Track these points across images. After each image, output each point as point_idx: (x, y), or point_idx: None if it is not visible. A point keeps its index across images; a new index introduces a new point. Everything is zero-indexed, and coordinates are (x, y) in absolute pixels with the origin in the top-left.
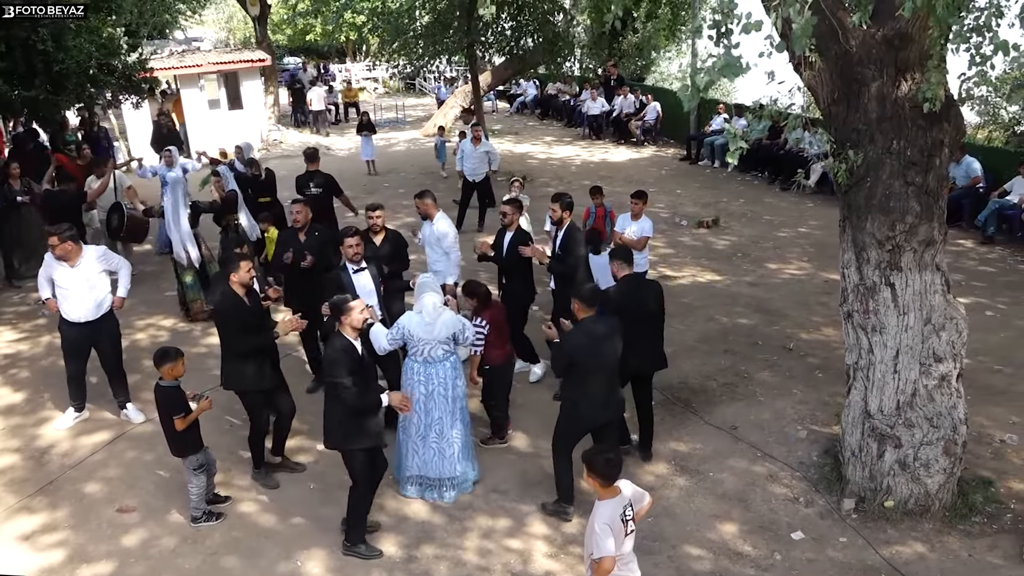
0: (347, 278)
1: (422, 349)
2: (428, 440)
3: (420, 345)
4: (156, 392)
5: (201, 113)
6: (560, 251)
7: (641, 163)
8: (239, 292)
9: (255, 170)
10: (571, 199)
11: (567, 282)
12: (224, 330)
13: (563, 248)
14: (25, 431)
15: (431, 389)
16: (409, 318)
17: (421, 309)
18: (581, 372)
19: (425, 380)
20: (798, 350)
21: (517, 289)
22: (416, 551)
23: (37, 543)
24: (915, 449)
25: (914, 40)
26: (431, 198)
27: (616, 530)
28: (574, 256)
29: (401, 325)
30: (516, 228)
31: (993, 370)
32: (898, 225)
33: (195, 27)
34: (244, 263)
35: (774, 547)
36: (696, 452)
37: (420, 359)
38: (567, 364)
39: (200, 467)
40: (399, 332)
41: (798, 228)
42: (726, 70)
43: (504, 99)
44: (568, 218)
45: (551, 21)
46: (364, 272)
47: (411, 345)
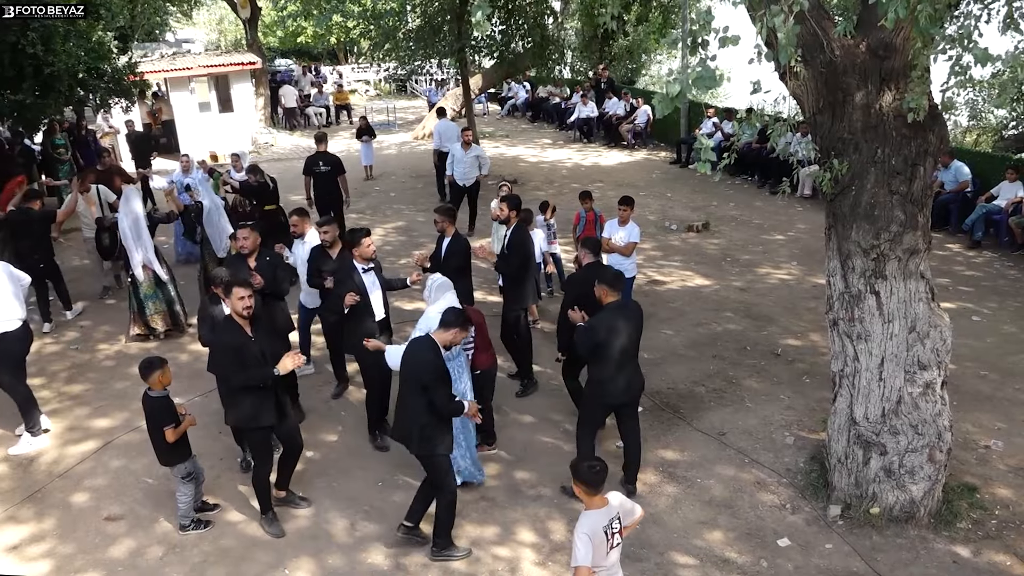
0: (358, 277)
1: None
2: None
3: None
4: (145, 402)
5: (191, 116)
6: (507, 250)
7: (632, 167)
8: (240, 323)
9: (259, 177)
10: (519, 199)
11: (515, 282)
12: (220, 365)
13: (510, 247)
14: (12, 440)
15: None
16: (430, 322)
17: (439, 310)
18: (607, 353)
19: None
20: (786, 355)
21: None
22: (404, 559)
23: (24, 554)
24: (900, 456)
25: (898, 50)
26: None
27: (597, 541)
28: (520, 255)
29: (420, 328)
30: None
31: (979, 376)
32: (883, 234)
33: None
34: (237, 288)
35: (760, 554)
36: (684, 459)
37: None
38: (594, 346)
39: (188, 476)
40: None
41: (787, 232)
42: (699, 82)
43: (495, 102)
44: (515, 218)
45: (542, 24)
46: (372, 272)
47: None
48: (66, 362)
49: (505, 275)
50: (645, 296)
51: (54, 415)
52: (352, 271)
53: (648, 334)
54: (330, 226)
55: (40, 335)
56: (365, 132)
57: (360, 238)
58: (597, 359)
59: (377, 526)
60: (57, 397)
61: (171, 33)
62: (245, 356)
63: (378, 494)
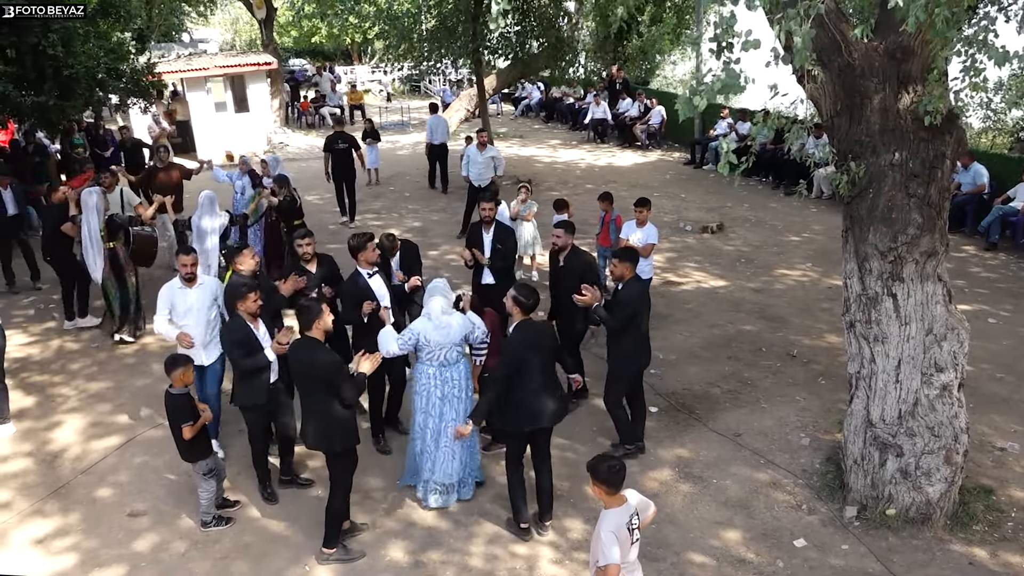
0: (363, 281)
1: (438, 353)
2: (440, 443)
3: (436, 350)
4: (166, 399)
5: (207, 116)
6: (498, 244)
7: (646, 167)
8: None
9: (286, 192)
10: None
11: (504, 275)
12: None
13: (499, 242)
14: (37, 435)
15: (446, 392)
16: (423, 324)
17: (429, 313)
18: (638, 321)
19: (441, 384)
20: (801, 357)
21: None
22: (423, 556)
23: (50, 547)
24: (916, 458)
25: (916, 53)
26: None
27: (622, 538)
28: (508, 249)
29: (415, 331)
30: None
31: (995, 378)
32: (900, 236)
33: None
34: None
35: (777, 554)
36: (700, 458)
37: (436, 363)
38: (631, 314)
39: (210, 472)
40: (412, 337)
41: (802, 233)
42: (725, 89)
43: (509, 102)
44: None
45: (556, 25)
46: (377, 276)
47: (425, 351)
48: (87, 359)
49: (497, 271)
50: (660, 297)
51: (76, 412)
52: (357, 277)
53: (663, 335)
54: (310, 239)
55: (61, 333)
56: (370, 135)
57: (366, 243)
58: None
59: (396, 523)
60: (78, 394)
61: (186, 33)
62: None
63: (397, 493)
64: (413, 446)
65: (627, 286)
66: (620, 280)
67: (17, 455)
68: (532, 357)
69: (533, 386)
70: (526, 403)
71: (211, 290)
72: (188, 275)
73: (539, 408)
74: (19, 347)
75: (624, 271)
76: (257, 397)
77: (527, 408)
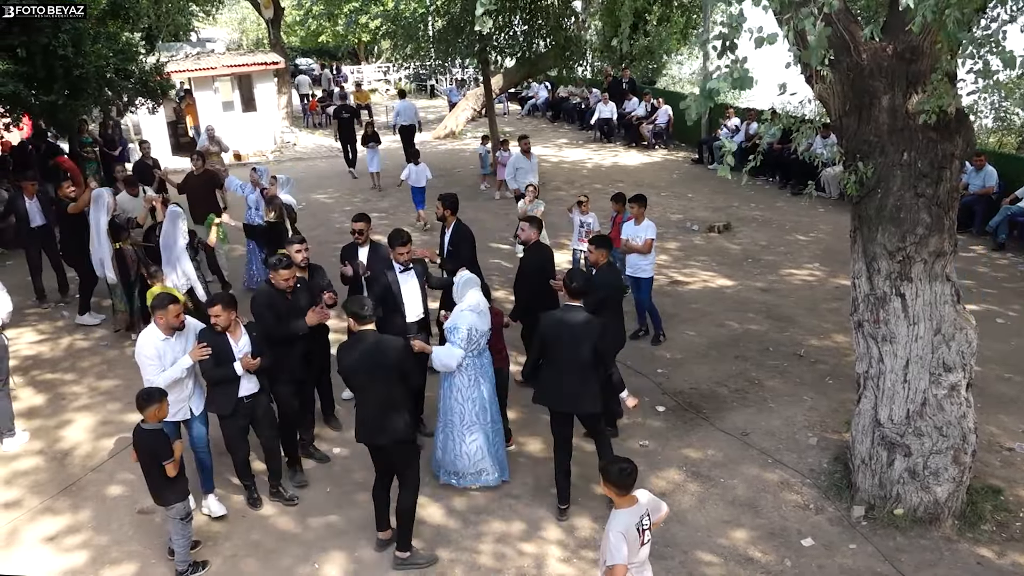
0: (393, 276)
1: (479, 342)
2: (470, 430)
3: (479, 339)
4: (137, 436)
5: (215, 115)
6: (451, 247)
7: (652, 167)
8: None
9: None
10: (454, 198)
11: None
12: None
13: (452, 245)
14: (47, 433)
15: (476, 377)
16: (470, 318)
17: (474, 306)
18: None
19: (478, 371)
20: (808, 356)
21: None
22: (433, 553)
23: (61, 544)
24: (924, 458)
25: (925, 54)
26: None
27: (631, 539)
28: (463, 253)
29: (464, 326)
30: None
31: (1003, 378)
32: (908, 236)
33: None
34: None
35: (784, 553)
36: (707, 458)
37: (475, 353)
38: (603, 298)
39: (187, 516)
40: (464, 334)
41: (809, 233)
42: (737, 83)
43: (515, 101)
44: (452, 218)
45: (563, 25)
46: (410, 272)
47: (470, 343)
48: (97, 358)
49: (451, 273)
50: (667, 296)
51: (86, 410)
52: (388, 269)
53: (671, 334)
54: (301, 246)
55: (71, 331)
56: (371, 139)
57: (396, 245)
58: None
59: None
60: (89, 392)
61: (194, 33)
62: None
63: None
64: (437, 431)
65: (600, 271)
66: (595, 266)
67: (27, 453)
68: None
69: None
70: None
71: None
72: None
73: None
74: (29, 345)
75: (599, 257)
76: (223, 408)
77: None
